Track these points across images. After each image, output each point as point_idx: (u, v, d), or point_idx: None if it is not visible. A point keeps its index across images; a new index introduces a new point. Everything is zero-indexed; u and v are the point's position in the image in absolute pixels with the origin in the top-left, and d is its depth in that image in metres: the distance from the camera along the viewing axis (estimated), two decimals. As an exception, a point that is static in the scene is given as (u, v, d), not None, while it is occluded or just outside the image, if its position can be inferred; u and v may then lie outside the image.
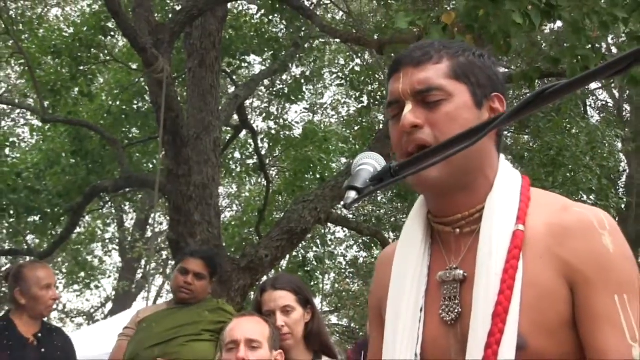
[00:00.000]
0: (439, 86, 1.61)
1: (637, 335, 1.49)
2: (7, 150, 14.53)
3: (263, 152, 14.55)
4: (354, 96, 16.42)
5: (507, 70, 11.18)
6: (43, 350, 4.30)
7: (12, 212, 12.21)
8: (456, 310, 1.60)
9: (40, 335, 4.35)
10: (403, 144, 1.62)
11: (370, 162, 1.46)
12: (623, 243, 1.56)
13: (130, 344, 4.46)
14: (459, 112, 1.61)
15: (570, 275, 1.53)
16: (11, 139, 15.08)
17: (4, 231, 16.49)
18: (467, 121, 1.59)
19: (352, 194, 1.39)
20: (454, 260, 1.65)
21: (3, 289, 16.38)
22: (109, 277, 21.99)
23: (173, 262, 10.08)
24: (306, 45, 13.43)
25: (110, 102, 12.82)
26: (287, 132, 16.15)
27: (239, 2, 11.97)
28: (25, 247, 13.92)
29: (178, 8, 9.35)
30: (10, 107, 17.32)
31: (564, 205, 1.62)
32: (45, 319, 4.55)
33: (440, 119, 1.60)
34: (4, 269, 16.10)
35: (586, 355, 1.52)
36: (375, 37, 10.68)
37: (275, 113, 17.38)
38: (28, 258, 11.91)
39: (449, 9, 6.99)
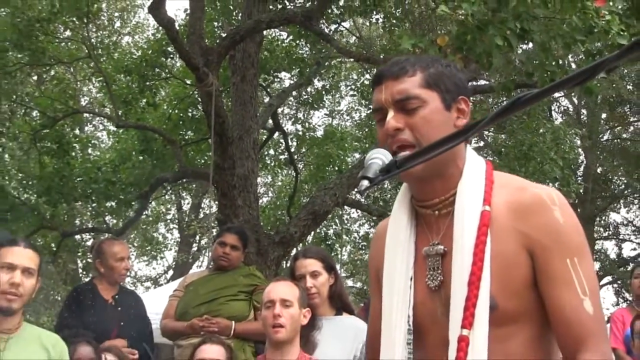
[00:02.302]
0: (415, 95, 1.59)
1: (587, 290, 1.49)
2: (89, 150, 14.65)
3: (292, 150, 14.52)
4: (364, 104, 16.38)
5: (488, 82, 11.08)
6: (119, 308, 4.34)
7: (94, 198, 12.31)
8: (438, 279, 1.59)
9: (117, 297, 4.38)
10: (388, 144, 1.59)
11: (379, 157, 1.45)
12: (571, 215, 1.56)
13: (180, 303, 4.45)
14: (432, 116, 1.59)
15: (530, 245, 1.53)
16: (92, 141, 15.19)
17: (88, 213, 16.62)
18: (440, 122, 1.58)
19: (365, 183, 1.38)
20: (435, 237, 1.63)
21: (88, 259, 16.49)
22: (170, 249, 22.05)
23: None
24: (326, 64, 13.38)
25: (170, 111, 12.84)
26: (312, 133, 16.15)
27: (272, 29, 11.94)
28: (105, 226, 14.05)
29: (224, 35, 9.33)
30: (91, 115, 17.41)
31: (521, 185, 1.60)
32: (121, 284, 4.58)
33: (417, 122, 1.58)
34: (88, 243, 16.22)
35: (546, 309, 1.53)
36: (382, 56, 10.64)
37: (302, 118, 17.36)
38: (107, 235, 11.99)
39: (442, 32, 6.96)
